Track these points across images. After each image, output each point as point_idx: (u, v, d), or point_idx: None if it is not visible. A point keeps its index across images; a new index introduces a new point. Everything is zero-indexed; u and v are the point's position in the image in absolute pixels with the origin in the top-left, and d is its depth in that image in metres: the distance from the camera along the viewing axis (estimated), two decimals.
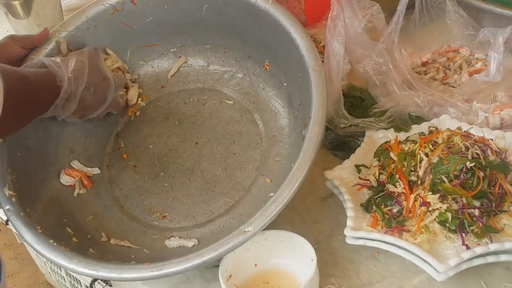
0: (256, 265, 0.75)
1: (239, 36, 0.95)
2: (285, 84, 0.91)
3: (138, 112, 0.99)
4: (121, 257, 0.79)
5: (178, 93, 1.00)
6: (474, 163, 0.73)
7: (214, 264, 0.72)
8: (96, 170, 0.92)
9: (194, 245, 0.80)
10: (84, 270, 0.71)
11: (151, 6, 0.96)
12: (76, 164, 0.91)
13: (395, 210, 0.77)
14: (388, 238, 0.72)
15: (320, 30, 1.16)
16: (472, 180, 0.73)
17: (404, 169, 0.79)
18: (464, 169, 0.73)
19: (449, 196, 0.73)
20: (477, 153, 0.76)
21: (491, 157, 0.76)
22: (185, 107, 0.98)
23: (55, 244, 0.73)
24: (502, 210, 0.74)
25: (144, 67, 1.01)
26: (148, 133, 0.96)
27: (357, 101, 1.00)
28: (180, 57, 1.01)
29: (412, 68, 1.06)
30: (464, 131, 0.84)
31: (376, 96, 0.98)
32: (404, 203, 0.76)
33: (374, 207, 0.78)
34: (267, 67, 0.94)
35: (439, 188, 0.73)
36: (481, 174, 0.73)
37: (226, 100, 0.97)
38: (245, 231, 0.67)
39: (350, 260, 0.77)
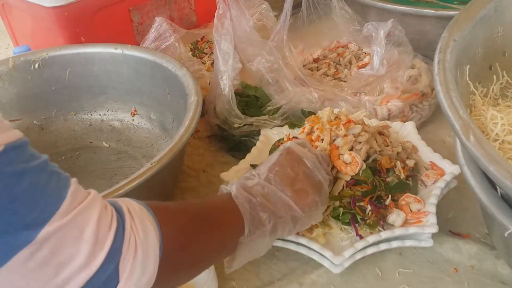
0: None
1: (104, 92, 1.00)
2: (154, 117, 0.97)
3: None
4: None
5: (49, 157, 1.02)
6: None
7: None
8: None
9: None
10: None
11: (15, 78, 0.96)
12: None
13: None
14: None
15: (212, 30, 1.14)
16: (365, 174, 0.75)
17: None
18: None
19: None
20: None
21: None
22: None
23: None
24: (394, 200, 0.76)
25: None
26: None
27: (252, 100, 1.00)
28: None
29: (304, 65, 1.07)
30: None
31: (270, 94, 0.98)
32: None
33: None
34: (135, 112, 1.01)
35: None
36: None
37: (100, 150, 0.99)
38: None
39: (249, 261, 0.76)
